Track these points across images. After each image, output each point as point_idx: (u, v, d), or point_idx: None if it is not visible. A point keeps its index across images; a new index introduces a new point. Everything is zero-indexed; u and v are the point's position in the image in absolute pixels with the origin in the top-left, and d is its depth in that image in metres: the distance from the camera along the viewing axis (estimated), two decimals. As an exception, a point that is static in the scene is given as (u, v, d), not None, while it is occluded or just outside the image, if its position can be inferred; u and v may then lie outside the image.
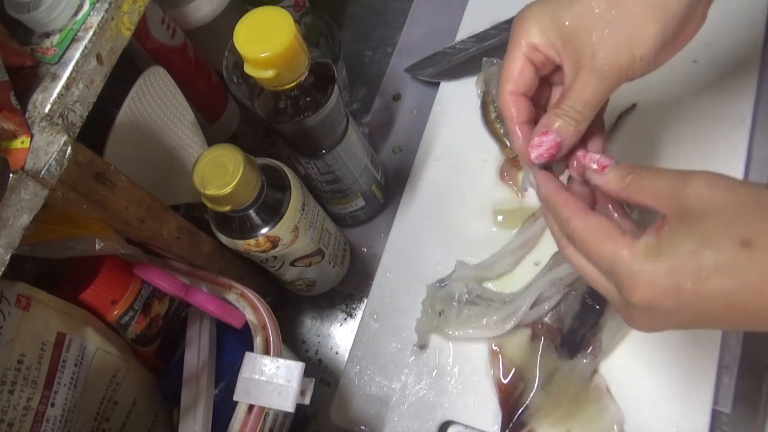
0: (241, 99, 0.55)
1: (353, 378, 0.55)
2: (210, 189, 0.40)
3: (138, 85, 0.45)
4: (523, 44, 0.36)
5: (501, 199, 0.57)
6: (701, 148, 0.54)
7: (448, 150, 0.61)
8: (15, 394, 0.37)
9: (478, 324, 0.51)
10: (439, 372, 0.53)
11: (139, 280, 0.45)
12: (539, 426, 0.49)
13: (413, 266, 0.57)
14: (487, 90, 0.60)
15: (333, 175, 0.52)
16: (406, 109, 0.65)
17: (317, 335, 0.60)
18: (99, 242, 0.39)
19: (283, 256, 0.49)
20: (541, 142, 0.35)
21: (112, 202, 0.37)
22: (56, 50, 0.34)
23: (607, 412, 0.48)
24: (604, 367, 0.49)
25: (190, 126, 0.51)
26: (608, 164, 0.33)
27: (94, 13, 0.35)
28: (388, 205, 0.61)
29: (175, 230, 0.43)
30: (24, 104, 0.32)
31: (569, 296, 0.50)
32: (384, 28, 0.70)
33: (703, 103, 0.55)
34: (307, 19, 0.56)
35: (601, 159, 0.34)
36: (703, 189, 0.29)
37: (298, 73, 0.41)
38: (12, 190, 0.31)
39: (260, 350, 0.44)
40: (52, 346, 0.39)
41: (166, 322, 0.49)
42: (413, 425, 0.52)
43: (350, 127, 0.49)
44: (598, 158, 0.34)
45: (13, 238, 0.31)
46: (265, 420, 0.42)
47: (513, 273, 0.54)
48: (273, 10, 0.39)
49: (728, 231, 0.27)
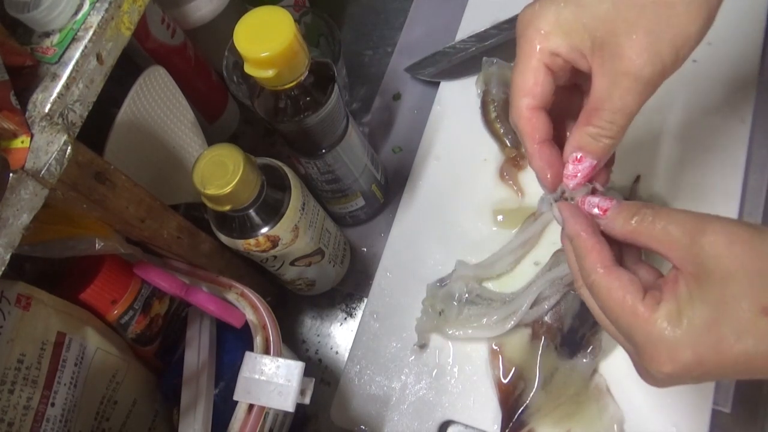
0: (241, 99, 0.55)
1: (353, 378, 0.55)
2: (210, 188, 0.40)
3: (138, 85, 0.45)
4: (538, 50, 0.32)
5: (501, 199, 0.57)
6: (701, 148, 0.54)
7: (448, 150, 0.61)
8: (15, 393, 0.37)
9: (478, 323, 0.51)
10: (439, 372, 0.53)
11: (139, 279, 0.45)
12: (539, 425, 0.49)
13: (413, 266, 0.57)
14: (487, 90, 0.60)
15: (333, 175, 0.52)
16: (406, 108, 0.65)
17: (317, 335, 0.60)
18: (99, 242, 0.39)
19: (283, 256, 0.49)
20: (577, 171, 0.32)
21: (112, 202, 0.37)
22: (56, 50, 0.34)
23: (607, 411, 0.48)
24: (604, 367, 0.49)
25: (190, 126, 0.51)
26: (609, 207, 0.31)
27: (94, 13, 0.35)
28: (388, 204, 0.61)
29: (175, 230, 0.43)
30: (24, 104, 0.32)
31: (569, 296, 0.50)
32: (384, 27, 0.70)
33: (703, 103, 0.55)
34: (307, 18, 0.56)
35: (600, 202, 0.32)
36: (721, 248, 0.27)
37: (298, 73, 0.41)
38: (12, 190, 0.31)
39: (260, 350, 0.44)
40: (52, 345, 0.39)
41: (166, 321, 0.49)
42: (413, 425, 0.52)
43: (350, 127, 0.49)
44: (597, 202, 0.32)
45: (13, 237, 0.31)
46: (265, 420, 0.42)
47: (513, 273, 0.54)
48: (273, 9, 0.39)
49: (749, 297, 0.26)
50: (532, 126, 0.33)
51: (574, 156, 0.32)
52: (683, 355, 0.27)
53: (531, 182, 0.57)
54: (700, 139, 0.54)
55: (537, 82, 0.33)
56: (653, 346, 0.28)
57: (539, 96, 0.33)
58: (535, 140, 0.33)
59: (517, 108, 0.33)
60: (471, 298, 0.53)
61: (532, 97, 0.33)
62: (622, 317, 0.29)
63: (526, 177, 0.57)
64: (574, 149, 0.32)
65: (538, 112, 0.33)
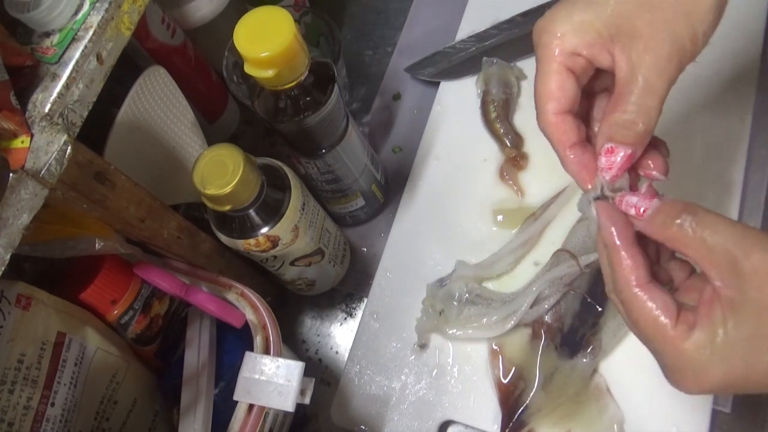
0: (241, 99, 0.55)
1: (353, 378, 0.55)
2: (210, 188, 0.40)
3: (138, 85, 0.45)
4: (557, 53, 0.31)
5: (501, 199, 0.57)
6: (701, 148, 0.54)
7: (448, 150, 0.61)
8: (15, 393, 0.37)
9: (478, 323, 0.51)
10: (439, 372, 0.53)
11: (139, 279, 0.45)
12: (539, 425, 0.49)
13: (413, 266, 0.57)
14: (487, 90, 0.60)
15: (333, 175, 0.52)
16: (406, 108, 0.65)
17: (317, 335, 0.60)
18: (99, 242, 0.39)
19: (283, 256, 0.49)
20: (611, 163, 0.31)
21: (112, 202, 0.37)
22: (56, 50, 0.34)
23: (607, 411, 0.48)
24: (604, 367, 0.49)
25: (190, 126, 0.51)
26: (647, 208, 0.30)
27: (94, 13, 0.35)
28: (388, 204, 0.61)
29: (175, 230, 0.43)
30: (24, 104, 0.32)
31: (569, 296, 0.50)
32: (384, 27, 0.70)
33: (703, 103, 0.55)
34: (307, 18, 0.56)
35: (639, 202, 0.30)
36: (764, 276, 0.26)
37: (298, 73, 0.41)
38: (12, 190, 0.31)
39: (260, 350, 0.44)
40: (52, 345, 0.39)
41: (166, 321, 0.49)
42: (413, 425, 0.52)
43: (350, 127, 0.49)
44: (634, 202, 0.30)
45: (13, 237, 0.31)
46: (265, 420, 0.42)
47: (513, 273, 0.54)
48: (273, 9, 0.39)
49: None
50: (562, 130, 0.32)
51: (606, 147, 0.31)
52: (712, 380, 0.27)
53: (531, 182, 0.57)
54: (700, 139, 0.54)
55: (560, 86, 0.32)
56: (681, 370, 0.28)
57: (564, 100, 0.32)
58: (566, 145, 0.32)
59: (544, 114, 0.32)
60: (471, 298, 0.53)
61: (556, 101, 0.32)
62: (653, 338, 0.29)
63: (526, 177, 0.57)
64: (605, 140, 0.31)
65: (565, 116, 0.32)
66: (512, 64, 0.60)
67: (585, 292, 0.50)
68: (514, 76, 0.60)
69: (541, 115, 0.33)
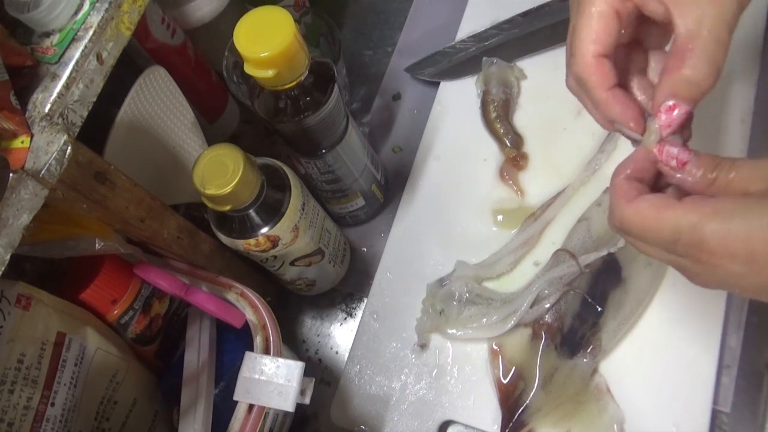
0: (241, 99, 0.55)
1: (353, 378, 0.55)
2: (210, 188, 0.40)
3: (138, 85, 0.45)
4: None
5: (501, 199, 0.57)
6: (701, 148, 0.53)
7: (448, 150, 0.61)
8: (15, 393, 0.37)
9: (479, 323, 0.51)
10: (439, 372, 0.53)
11: (139, 279, 0.45)
12: (539, 425, 0.49)
13: (413, 266, 0.57)
14: (487, 90, 0.60)
15: (333, 175, 0.52)
16: (406, 108, 0.65)
17: (317, 335, 0.60)
18: (99, 242, 0.39)
19: (283, 256, 0.49)
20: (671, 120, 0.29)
21: (112, 202, 0.37)
22: (56, 50, 0.34)
23: (607, 411, 0.48)
24: (604, 367, 0.49)
25: (190, 126, 0.51)
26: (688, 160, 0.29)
27: (94, 13, 0.35)
28: (388, 204, 0.61)
29: (175, 230, 0.43)
30: (24, 104, 0.32)
31: (569, 295, 0.50)
32: (384, 27, 0.70)
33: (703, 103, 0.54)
34: (307, 19, 0.56)
35: (680, 154, 0.29)
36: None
37: (298, 73, 0.41)
38: (12, 190, 0.31)
39: (260, 350, 0.44)
40: (52, 345, 0.39)
41: (166, 321, 0.49)
42: (413, 425, 0.52)
43: (350, 127, 0.49)
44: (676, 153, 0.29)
45: (13, 237, 0.31)
46: (265, 420, 0.42)
47: (513, 273, 0.54)
48: (273, 9, 0.39)
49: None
50: (602, 73, 0.30)
51: (667, 105, 0.29)
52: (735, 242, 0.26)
53: (531, 182, 0.57)
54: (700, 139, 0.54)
55: (605, 27, 0.30)
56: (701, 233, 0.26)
57: (607, 44, 0.30)
58: (605, 87, 0.31)
59: (582, 56, 0.30)
60: (471, 297, 0.53)
61: (600, 43, 0.30)
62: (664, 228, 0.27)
63: (526, 177, 0.57)
64: (668, 96, 0.29)
65: (605, 60, 0.31)
66: (512, 64, 0.60)
67: (585, 292, 0.50)
68: (514, 76, 0.60)
69: (579, 58, 0.31)
